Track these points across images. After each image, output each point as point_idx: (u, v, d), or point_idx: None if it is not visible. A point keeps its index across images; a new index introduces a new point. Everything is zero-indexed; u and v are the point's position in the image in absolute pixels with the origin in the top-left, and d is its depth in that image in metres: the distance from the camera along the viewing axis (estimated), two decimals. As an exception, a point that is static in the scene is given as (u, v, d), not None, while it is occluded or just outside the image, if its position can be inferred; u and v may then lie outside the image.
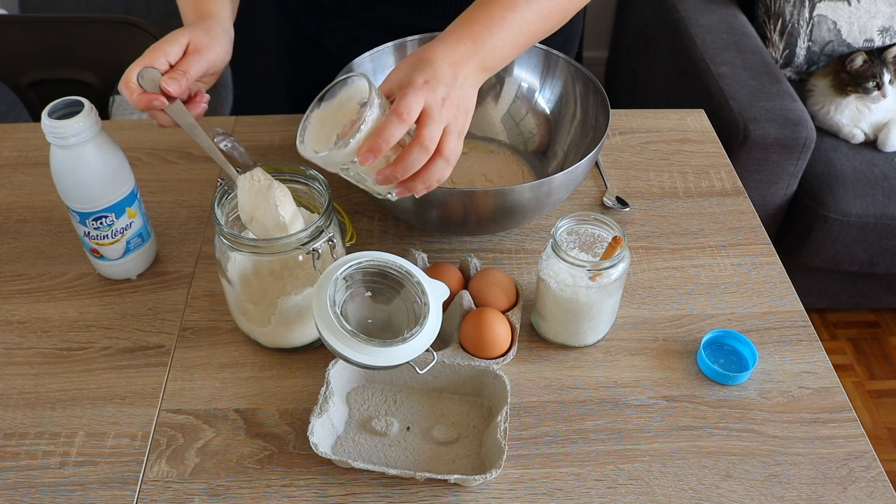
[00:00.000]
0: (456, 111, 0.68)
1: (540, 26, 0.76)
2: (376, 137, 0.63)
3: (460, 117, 0.69)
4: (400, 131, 0.64)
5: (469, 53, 0.71)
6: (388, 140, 0.63)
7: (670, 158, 1.04)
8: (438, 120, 0.66)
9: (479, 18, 0.72)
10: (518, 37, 0.74)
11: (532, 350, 0.80)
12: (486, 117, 1.01)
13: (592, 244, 0.77)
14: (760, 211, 1.70)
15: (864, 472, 0.70)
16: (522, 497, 0.68)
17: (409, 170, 0.66)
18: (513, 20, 0.73)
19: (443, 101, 0.67)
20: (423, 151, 0.65)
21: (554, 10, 0.76)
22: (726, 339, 0.80)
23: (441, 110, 0.66)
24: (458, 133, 0.69)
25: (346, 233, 0.91)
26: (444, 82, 0.67)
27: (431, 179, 0.68)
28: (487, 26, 0.72)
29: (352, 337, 0.64)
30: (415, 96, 0.65)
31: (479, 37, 0.71)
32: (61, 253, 0.89)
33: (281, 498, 0.68)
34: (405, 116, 0.64)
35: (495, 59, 0.74)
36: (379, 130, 0.63)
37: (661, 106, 1.32)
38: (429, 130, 0.65)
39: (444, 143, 0.67)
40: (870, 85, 1.71)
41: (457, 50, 0.70)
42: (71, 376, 0.77)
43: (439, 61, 0.68)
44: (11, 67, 1.39)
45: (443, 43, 0.71)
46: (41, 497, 0.68)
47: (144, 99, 0.70)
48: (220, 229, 0.70)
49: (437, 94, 0.66)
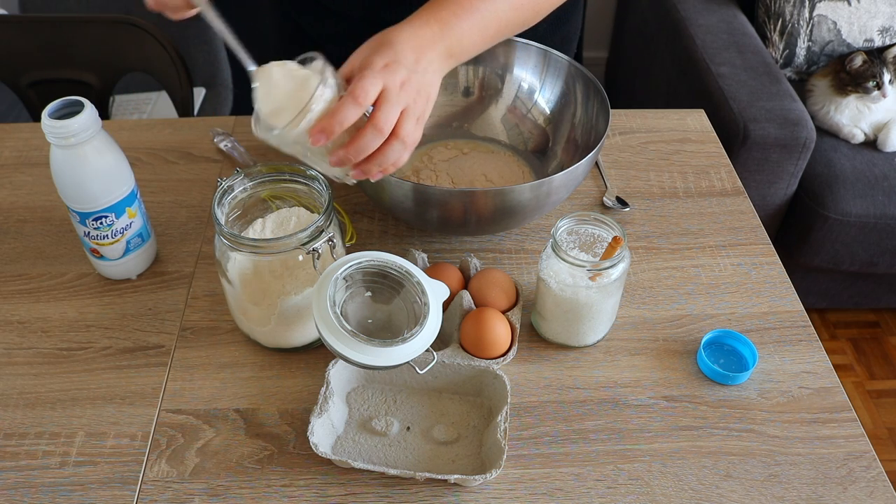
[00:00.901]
0: (416, 95, 0.67)
1: (511, 17, 0.75)
2: (329, 118, 0.62)
3: (420, 102, 0.68)
4: (354, 113, 0.63)
5: (434, 38, 0.69)
6: (341, 122, 0.62)
7: (670, 158, 1.04)
8: (395, 102, 0.65)
9: (448, 4, 0.71)
10: (488, 26, 0.73)
11: (532, 350, 0.80)
12: (486, 117, 1.01)
13: (592, 244, 0.77)
14: (760, 211, 1.71)
15: (864, 472, 0.70)
16: (522, 497, 0.68)
17: (361, 152, 0.65)
18: (483, 9, 0.72)
19: (402, 84, 0.65)
20: (377, 134, 0.64)
21: (526, 4, 0.75)
22: (726, 339, 0.80)
23: (399, 93, 0.65)
24: (417, 117, 0.68)
25: (346, 233, 0.91)
26: (405, 65, 0.66)
27: (387, 162, 0.67)
28: (456, 12, 0.71)
29: (352, 337, 0.64)
30: (372, 79, 0.64)
31: (446, 22, 0.70)
32: (61, 253, 0.89)
33: (281, 498, 0.68)
34: (361, 99, 0.62)
35: (462, 47, 0.72)
36: (333, 111, 0.62)
37: (661, 106, 1.32)
38: (384, 113, 0.64)
39: (400, 126, 0.65)
40: (870, 85, 1.71)
41: (422, 34, 0.69)
42: (71, 376, 0.77)
43: (402, 44, 0.67)
44: (11, 67, 1.39)
45: (408, 25, 0.69)
46: (41, 497, 0.68)
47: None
48: (220, 229, 0.70)
49: (396, 77, 0.65)
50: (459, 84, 1.00)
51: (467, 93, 1.01)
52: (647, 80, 2.17)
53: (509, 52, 0.97)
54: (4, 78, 1.41)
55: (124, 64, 1.40)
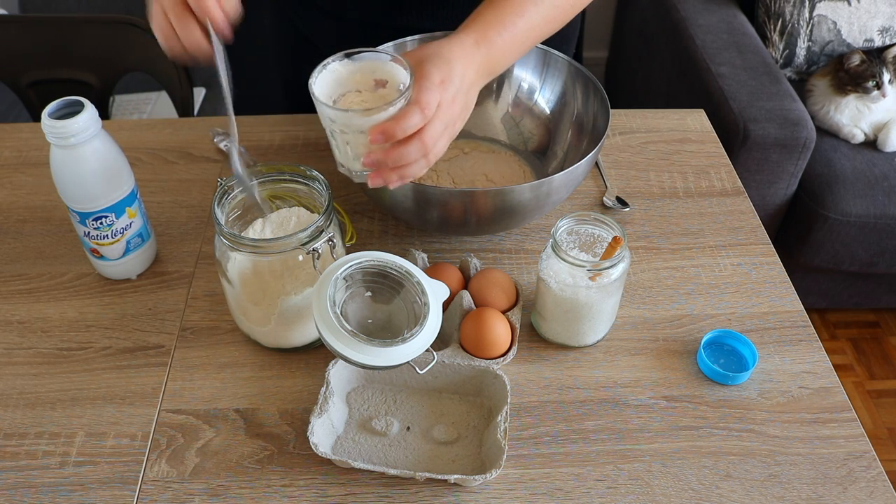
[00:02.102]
0: (458, 115, 0.69)
1: (542, 31, 0.77)
2: (395, 122, 0.63)
3: (458, 122, 0.69)
4: (418, 123, 0.64)
5: (481, 58, 0.71)
6: (405, 129, 0.64)
7: (670, 158, 1.04)
8: (443, 119, 0.66)
9: (493, 23, 0.72)
10: (524, 42, 0.75)
11: (532, 350, 0.80)
12: (486, 117, 1.01)
13: (592, 244, 0.77)
14: (760, 211, 1.70)
15: (864, 472, 0.70)
16: (522, 497, 0.68)
17: (400, 160, 0.65)
18: (521, 25, 0.73)
19: (451, 102, 0.67)
20: (421, 147, 0.65)
21: (557, 16, 0.77)
22: (726, 339, 0.80)
23: (447, 111, 0.66)
24: (450, 137, 0.69)
25: (346, 233, 0.91)
26: (455, 84, 0.67)
27: (409, 174, 0.68)
28: (500, 31, 0.72)
29: (352, 337, 0.64)
30: (434, 93, 0.65)
31: (492, 42, 0.72)
32: (61, 253, 0.89)
33: (281, 498, 0.68)
34: (427, 111, 0.64)
35: (500, 64, 0.74)
36: (399, 117, 0.64)
37: (661, 106, 1.32)
38: (432, 127, 0.65)
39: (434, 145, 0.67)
40: (869, 84, 1.71)
41: (472, 54, 0.70)
42: (71, 376, 0.77)
43: (455, 62, 0.68)
44: (11, 67, 1.39)
45: (459, 43, 0.70)
46: (41, 497, 0.68)
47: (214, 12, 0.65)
48: (220, 229, 0.70)
49: (448, 94, 0.66)
50: (459, 84, 1.00)
51: (467, 93, 1.01)
52: (647, 80, 2.17)
53: (509, 52, 0.97)
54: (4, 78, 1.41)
55: (124, 64, 1.40)
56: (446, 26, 0.96)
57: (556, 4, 0.75)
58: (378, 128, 0.64)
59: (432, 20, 1.00)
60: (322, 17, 1.05)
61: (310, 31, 1.08)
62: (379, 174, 0.67)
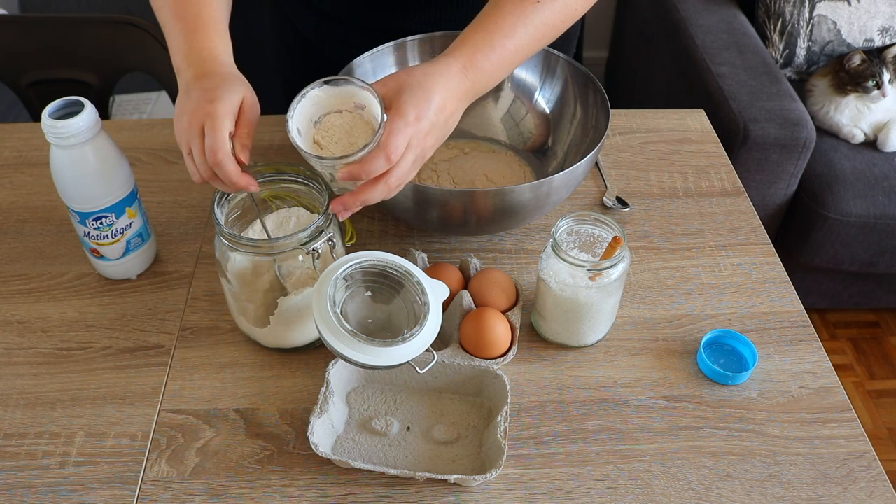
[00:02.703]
0: (430, 146, 0.69)
1: (531, 50, 0.76)
2: (360, 167, 0.64)
3: (429, 152, 0.69)
4: (382, 168, 0.65)
5: (466, 84, 0.70)
6: (369, 174, 0.65)
7: (670, 158, 1.04)
8: (412, 159, 0.67)
9: (481, 46, 0.71)
10: (511, 63, 0.74)
11: (532, 350, 0.80)
12: (486, 117, 1.01)
13: (592, 244, 0.77)
14: (760, 211, 1.70)
15: (864, 472, 0.70)
16: (522, 497, 0.68)
17: (365, 201, 0.67)
18: (510, 47, 0.73)
19: (425, 135, 0.67)
20: (387, 191, 0.67)
21: (546, 34, 0.76)
22: (726, 339, 0.80)
23: (417, 148, 0.67)
24: (422, 161, 0.69)
25: (346, 233, 0.91)
26: (430, 119, 0.67)
27: (370, 202, 0.68)
28: (488, 54, 0.71)
29: (352, 337, 0.64)
30: (403, 134, 0.65)
31: (479, 67, 0.71)
32: (61, 253, 0.89)
33: (281, 498, 0.68)
34: (392, 156, 0.64)
35: (485, 86, 0.74)
36: (365, 162, 0.64)
37: (661, 106, 1.32)
38: (399, 170, 0.66)
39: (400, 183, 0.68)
40: (869, 84, 1.71)
41: (455, 81, 0.70)
42: (71, 376, 0.77)
43: (435, 94, 0.67)
44: (11, 67, 1.39)
45: (445, 69, 0.69)
46: (41, 497, 0.68)
47: (245, 180, 0.67)
48: (220, 229, 0.70)
49: (421, 130, 0.66)
50: (459, 84, 1.00)
51: (467, 93, 1.01)
52: (647, 80, 2.17)
53: (509, 52, 0.97)
54: (4, 78, 1.41)
55: (124, 64, 1.40)
56: (444, 28, 0.96)
57: (547, 23, 0.75)
58: (345, 170, 0.65)
59: (433, 23, 1.00)
60: (323, 20, 1.05)
61: (310, 33, 1.08)
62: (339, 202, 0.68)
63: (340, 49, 1.03)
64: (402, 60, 0.95)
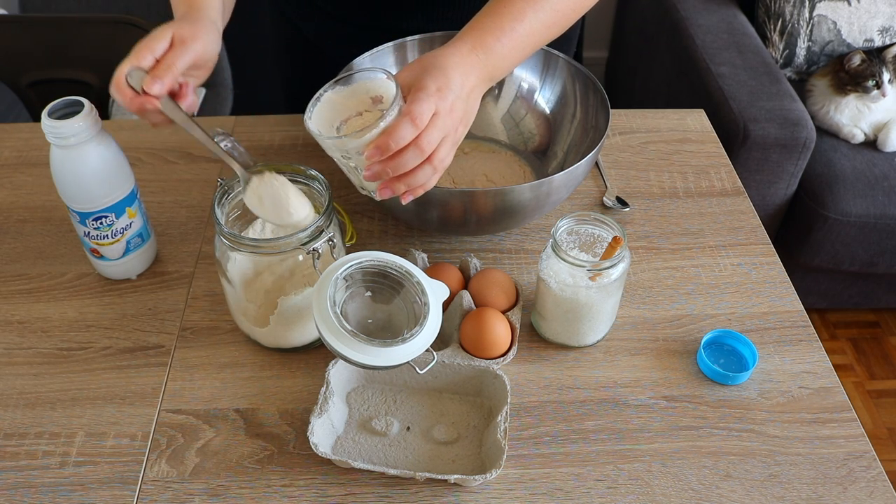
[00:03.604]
0: (457, 122, 0.68)
1: (543, 36, 0.76)
2: (386, 136, 0.64)
3: (460, 129, 0.69)
4: (411, 134, 0.64)
5: (480, 65, 0.71)
6: (397, 141, 0.64)
7: (670, 158, 1.04)
8: (441, 127, 0.66)
9: (490, 28, 0.72)
10: (524, 48, 0.75)
11: (532, 350, 0.80)
12: (486, 117, 1.01)
13: (592, 244, 0.77)
14: (760, 211, 1.70)
15: (864, 472, 0.70)
16: (522, 497, 0.68)
17: (399, 168, 0.66)
18: (521, 31, 0.73)
19: (450, 109, 0.67)
20: (419, 154, 0.65)
21: (557, 21, 0.76)
22: (726, 339, 0.80)
23: (446, 119, 0.66)
24: (454, 143, 0.69)
25: (346, 233, 0.91)
26: (454, 91, 0.67)
27: (416, 184, 0.68)
28: (499, 37, 0.72)
29: (352, 337, 0.64)
30: (427, 102, 0.65)
31: (490, 48, 0.71)
32: (61, 253, 0.89)
33: (281, 498, 0.68)
34: (418, 121, 0.64)
35: (501, 70, 0.74)
36: (390, 130, 0.64)
37: (661, 106, 1.32)
38: (429, 135, 0.65)
39: (437, 151, 0.67)
40: (869, 84, 1.71)
41: (469, 61, 0.70)
42: (71, 376, 0.77)
43: (452, 70, 0.68)
44: (11, 67, 1.39)
45: (456, 50, 0.70)
46: (41, 497, 0.68)
47: (137, 102, 0.68)
48: (220, 229, 0.70)
49: (446, 103, 0.66)
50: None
51: (467, 93, 1.01)
52: (647, 80, 2.17)
53: (509, 52, 0.97)
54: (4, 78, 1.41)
55: (124, 64, 1.40)
56: (446, 28, 0.96)
57: (557, 9, 0.75)
58: (372, 144, 0.64)
59: (435, 22, 1.00)
60: (324, 19, 1.05)
61: (311, 33, 1.08)
62: (386, 185, 0.68)
63: (340, 48, 1.03)
64: (402, 60, 0.95)
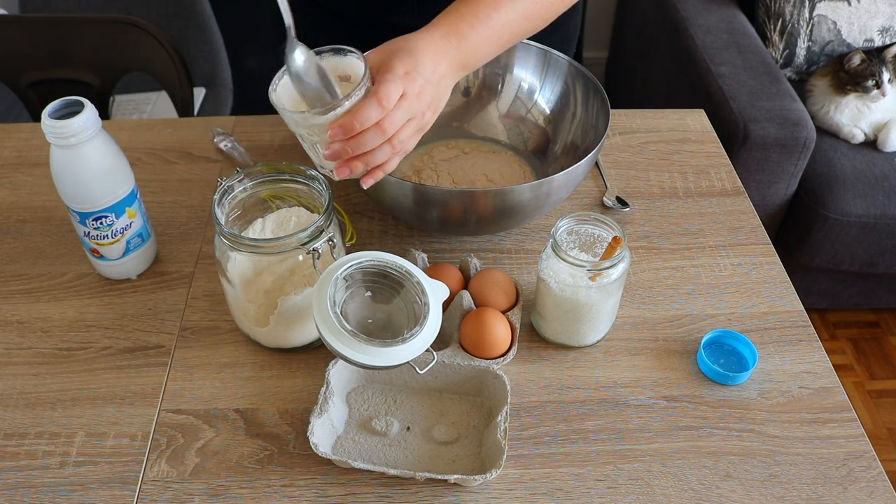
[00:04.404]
0: (426, 107, 0.68)
1: (521, 27, 0.76)
2: (351, 116, 0.63)
3: (428, 114, 0.69)
4: (376, 116, 0.63)
5: (451, 50, 0.70)
6: (362, 122, 0.63)
7: (670, 158, 1.04)
8: (407, 109, 0.66)
9: (465, 16, 0.72)
10: (500, 37, 0.74)
11: (532, 350, 0.80)
12: (486, 117, 1.01)
13: (592, 244, 0.77)
14: (760, 211, 1.70)
15: (864, 472, 0.70)
16: (522, 497, 0.68)
17: (358, 148, 0.65)
18: (497, 20, 0.72)
19: (418, 93, 0.66)
20: (381, 135, 0.65)
21: (536, 13, 0.76)
22: (726, 339, 0.80)
23: (413, 101, 0.66)
24: (419, 128, 0.68)
25: (346, 233, 0.91)
26: (424, 75, 0.67)
27: (374, 163, 0.67)
28: (473, 24, 0.71)
29: (352, 337, 0.64)
30: (395, 84, 0.64)
31: (464, 35, 0.71)
32: (61, 253, 0.89)
33: (281, 498, 0.68)
34: (384, 103, 0.63)
35: (476, 58, 0.73)
36: (356, 110, 0.63)
37: (661, 106, 1.32)
38: (392, 116, 0.65)
39: (398, 133, 0.66)
40: (869, 84, 1.71)
41: (440, 46, 0.69)
42: (71, 376, 0.77)
43: (422, 54, 0.68)
44: (11, 67, 1.39)
45: (427, 35, 0.70)
46: (41, 497, 0.68)
47: None
48: (220, 229, 0.70)
49: (414, 86, 0.66)
50: (460, 84, 1.00)
51: (467, 93, 1.01)
52: (647, 80, 2.17)
53: (509, 52, 0.97)
54: (4, 78, 1.41)
55: (124, 64, 1.40)
56: None
57: (536, 1, 0.75)
58: (336, 122, 0.64)
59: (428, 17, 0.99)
60: (323, 14, 1.05)
61: (310, 29, 1.08)
62: (344, 164, 0.67)
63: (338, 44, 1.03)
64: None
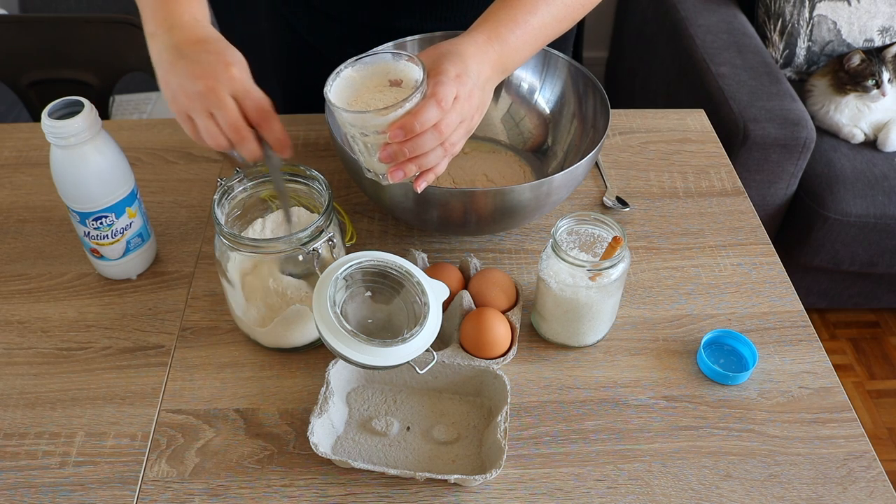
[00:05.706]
0: (474, 110, 0.69)
1: (554, 30, 0.77)
2: (412, 117, 0.64)
3: (476, 117, 0.70)
4: (436, 117, 0.64)
5: (495, 56, 0.71)
6: (422, 123, 0.64)
7: (670, 158, 1.04)
8: (460, 112, 0.67)
9: (504, 20, 0.73)
10: (536, 40, 0.75)
11: (532, 350, 0.80)
12: (486, 117, 1.00)
13: (592, 244, 0.77)
14: (760, 211, 1.70)
15: (864, 472, 0.70)
16: (522, 497, 0.68)
17: (416, 150, 0.66)
18: (534, 23, 0.74)
19: (468, 96, 0.67)
20: (438, 136, 0.66)
21: (567, 15, 0.77)
22: (726, 339, 0.80)
23: (465, 104, 0.67)
24: (468, 130, 0.70)
25: (346, 233, 0.91)
26: (472, 79, 0.68)
27: (426, 165, 0.68)
28: (513, 29, 0.72)
29: (352, 337, 0.64)
30: (450, 86, 0.65)
31: (505, 39, 0.72)
32: (61, 253, 0.89)
33: (281, 498, 0.68)
34: (444, 104, 0.64)
35: (514, 62, 0.75)
36: (416, 112, 0.64)
37: (661, 106, 1.32)
38: (449, 118, 0.66)
39: (451, 136, 0.67)
40: (869, 84, 1.71)
41: (486, 51, 0.71)
42: (71, 376, 0.77)
43: (470, 58, 0.69)
44: (11, 67, 1.39)
45: (472, 40, 0.71)
46: (41, 497, 0.68)
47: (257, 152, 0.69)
48: (220, 229, 0.70)
49: (465, 88, 0.67)
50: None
51: (467, 93, 1.01)
52: (647, 80, 2.17)
53: (509, 52, 0.97)
54: (4, 78, 1.41)
55: (124, 64, 1.40)
56: (444, 28, 0.96)
57: (567, 3, 0.76)
58: (396, 124, 0.64)
59: (431, 21, 1.00)
60: (320, 19, 1.05)
61: (307, 32, 1.08)
62: (398, 167, 0.67)
63: (339, 49, 1.03)
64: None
